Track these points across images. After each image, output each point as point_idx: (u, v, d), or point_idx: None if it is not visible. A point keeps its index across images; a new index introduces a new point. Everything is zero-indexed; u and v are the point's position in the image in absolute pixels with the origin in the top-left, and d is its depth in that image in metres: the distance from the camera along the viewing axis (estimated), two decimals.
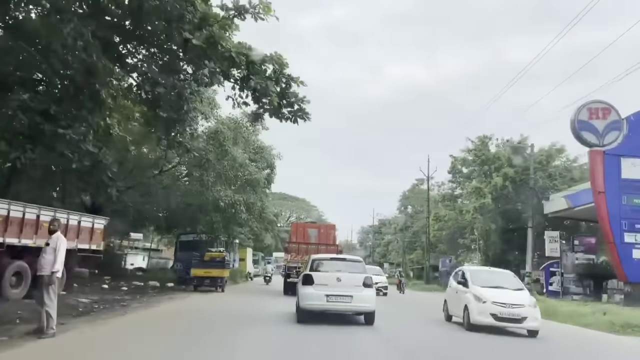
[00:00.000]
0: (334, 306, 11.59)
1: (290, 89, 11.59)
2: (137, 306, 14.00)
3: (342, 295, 11.47)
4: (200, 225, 26.74)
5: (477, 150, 42.71)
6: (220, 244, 30.05)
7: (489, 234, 43.15)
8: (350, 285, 11.59)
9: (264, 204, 28.19)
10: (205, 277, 22.74)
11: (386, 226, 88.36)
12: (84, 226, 15.46)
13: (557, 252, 25.39)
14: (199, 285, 22.93)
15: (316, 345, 9.08)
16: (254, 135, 30.02)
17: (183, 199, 26.36)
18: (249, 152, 27.99)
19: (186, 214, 27.18)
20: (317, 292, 11.51)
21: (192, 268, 23.17)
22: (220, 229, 26.49)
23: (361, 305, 11.78)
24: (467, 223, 45.73)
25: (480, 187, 40.40)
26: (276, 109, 11.81)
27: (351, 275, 11.90)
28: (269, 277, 35.81)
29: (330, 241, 24.54)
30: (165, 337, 9.37)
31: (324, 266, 12.30)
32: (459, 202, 50.39)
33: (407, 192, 75.74)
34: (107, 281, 24.37)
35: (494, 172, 40.65)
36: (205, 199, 24.92)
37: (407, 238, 66.47)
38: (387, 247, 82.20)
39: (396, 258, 71.83)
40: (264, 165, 29.52)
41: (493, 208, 39.57)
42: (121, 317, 11.37)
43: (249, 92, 11.95)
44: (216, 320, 12.15)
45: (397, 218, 75.37)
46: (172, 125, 16.06)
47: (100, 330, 9.60)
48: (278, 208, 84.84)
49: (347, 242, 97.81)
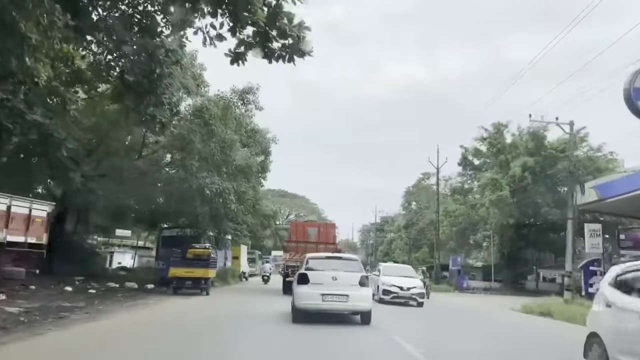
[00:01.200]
0: (330, 305, 11.44)
1: (282, 8, 8.03)
2: (79, 318, 10.45)
3: (338, 294, 11.32)
4: (183, 217, 23.25)
5: (492, 139, 39.15)
6: (208, 240, 26.60)
7: (504, 230, 39.70)
8: (346, 284, 11.43)
9: (257, 194, 24.60)
10: (186, 277, 19.22)
11: (388, 224, 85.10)
12: (17, 213, 11.90)
13: (599, 247, 21.79)
14: (179, 287, 19.42)
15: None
16: (247, 117, 26.46)
17: (165, 187, 22.85)
18: (240, 135, 24.45)
19: (169, 205, 23.68)
20: (312, 291, 11.36)
21: (171, 267, 19.63)
22: (206, 222, 22.95)
23: (357, 304, 11.63)
24: (480, 218, 42.33)
25: (497, 178, 36.90)
26: (262, 39, 8.26)
27: (347, 274, 11.72)
28: (267, 277, 34.40)
29: (330, 240, 24.08)
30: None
31: (320, 265, 12.13)
32: (470, 196, 46.95)
33: (412, 187, 72.23)
34: (77, 282, 21.06)
35: (511, 162, 37.17)
36: (189, 187, 21.42)
37: (412, 235, 62.84)
38: (390, 246, 78.54)
39: (401, 256, 68.24)
40: (257, 150, 25.96)
41: (511, 201, 36.08)
42: (30, 340, 7.77)
43: (225, 18, 8.42)
44: (179, 339, 8.64)
45: (404, 215, 71.82)
46: (143, 95, 13.16)
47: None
48: (277, 205, 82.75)
49: (348, 241, 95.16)
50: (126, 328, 10.13)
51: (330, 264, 12.20)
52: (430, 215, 61.00)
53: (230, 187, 21.84)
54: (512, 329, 14.34)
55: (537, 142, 37.22)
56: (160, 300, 17.32)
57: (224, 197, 21.56)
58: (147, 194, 23.98)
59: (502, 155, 37.77)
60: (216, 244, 29.17)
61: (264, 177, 28.25)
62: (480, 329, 13.66)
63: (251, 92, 24.49)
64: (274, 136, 27.60)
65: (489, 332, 13.25)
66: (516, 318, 18.14)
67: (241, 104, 24.55)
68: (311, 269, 11.86)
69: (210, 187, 21.02)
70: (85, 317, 10.67)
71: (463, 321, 15.98)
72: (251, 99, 24.71)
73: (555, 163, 35.60)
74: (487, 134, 40.27)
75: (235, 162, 22.81)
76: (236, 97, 24.26)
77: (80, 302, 13.86)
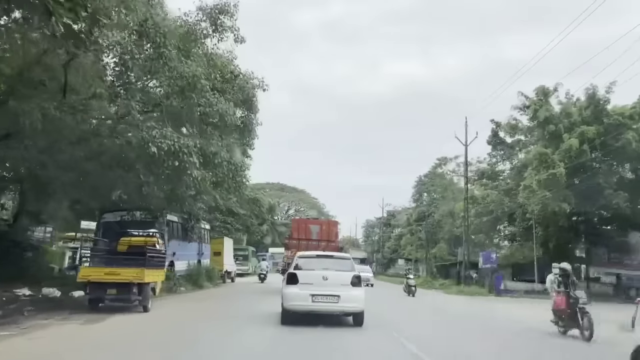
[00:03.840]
0: (320, 307, 10.84)
1: None
2: None
3: (328, 294, 10.78)
4: (118, 190, 15.67)
5: (537, 105, 31.44)
6: (170, 228, 19.19)
7: (551, 220, 32.16)
8: (337, 284, 10.92)
9: (235, 158, 16.90)
10: (108, 282, 11.63)
11: (395, 218, 77.69)
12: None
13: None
14: (98, 298, 11.87)
15: None
16: (226, 58, 18.66)
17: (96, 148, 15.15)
18: (212, 79, 16.70)
19: (105, 176, 15.98)
20: (301, 291, 10.83)
21: (82, 265, 12.11)
22: (157, 199, 15.39)
23: (349, 305, 11.00)
24: (516, 206, 34.79)
25: (546, 152, 29.28)
26: None
27: (338, 273, 11.19)
28: (264, 275, 32.31)
29: (331, 238, 23.93)
30: None
31: (310, 264, 11.59)
32: (501, 180, 39.43)
33: (424, 177, 64.61)
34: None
35: (564, 134, 29.55)
36: (126, 143, 13.87)
37: (428, 229, 55.31)
38: (399, 242, 70.85)
39: (413, 253, 60.64)
40: (237, 98, 18.15)
41: (565, 182, 28.44)
42: None
43: None
44: None
45: (416, 207, 64.34)
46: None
47: None
48: (275, 199, 75.92)
49: (350, 238, 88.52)
50: None
51: (321, 263, 11.64)
52: (448, 204, 53.57)
53: (192, 144, 14.24)
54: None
55: (595, 109, 29.64)
56: (45, 325, 9.85)
57: (182, 160, 13.95)
58: (78, 161, 16.30)
59: (551, 125, 30.08)
60: (184, 234, 21.66)
61: (248, 143, 20.44)
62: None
63: (226, 13, 16.79)
64: (262, 80, 19.46)
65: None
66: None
67: (212, 30, 16.82)
68: (301, 269, 11.39)
69: (158, 143, 13.44)
70: None
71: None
72: (227, 24, 17.01)
73: (620, 134, 28.08)
74: (528, 102, 32.60)
75: (200, 109, 15.24)
76: (205, 18, 16.55)
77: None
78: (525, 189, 30.47)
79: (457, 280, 42.41)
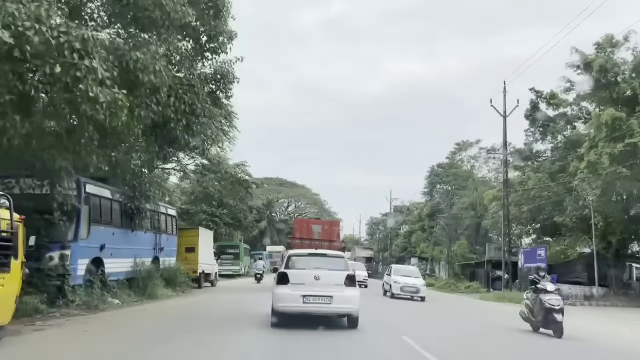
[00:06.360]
0: (312, 308, 10.22)
1: None
2: None
3: (320, 295, 10.16)
4: None
5: (604, 58, 24.51)
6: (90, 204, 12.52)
7: (613, 208, 25.39)
8: (330, 284, 10.29)
9: (201, 98, 9.95)
10: None
11: (404, 214, 70.82)
12: None
13: None
14: None
15: None
16: None
17: None
18: None
19: None
20: (292, 292, 10.20)
21: None
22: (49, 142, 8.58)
23: (342, 306, 10.45)
24: (564, 193, 28.07)
25: (622, 117, 22.42)
26: None
27: (331, 272, 10.57)
28: (260, 275, 31.19)
29: (333, 237, 24.33)
30: None
31: (301, 263, 11.03)
32: (542, 161, 32.66)
33: (437, 166, 57.72)
34: None
35: None
36: None
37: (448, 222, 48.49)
38: (409, 239, 63.88)
39: (428, 251, 53.69)
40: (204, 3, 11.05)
41: None
42: None
43: None
44: None
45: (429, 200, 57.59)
46: None
47: None
48: (274, 194, 69.95)
49: (352, 237, 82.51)
50: None
51: (313, 262, 11.00)
52: (469, 196, 46.81)
53: (91, 38, 7.40)
54: None
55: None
56: None
57: (73, 65, 7.11)
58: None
59: (624, 84, 23.23)
60: (124, 219, 14.83)
61: (230, 81, 13.13)
62: None
63: None
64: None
65: None
66: None
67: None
68: (292, 268, 10.75)
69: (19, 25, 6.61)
70: None
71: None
72: None
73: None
74: (588, 58, 25.66)
75: None
76: None
77: None
78: (588, 165, 23.64)
79: (486, 283, 35.85)
